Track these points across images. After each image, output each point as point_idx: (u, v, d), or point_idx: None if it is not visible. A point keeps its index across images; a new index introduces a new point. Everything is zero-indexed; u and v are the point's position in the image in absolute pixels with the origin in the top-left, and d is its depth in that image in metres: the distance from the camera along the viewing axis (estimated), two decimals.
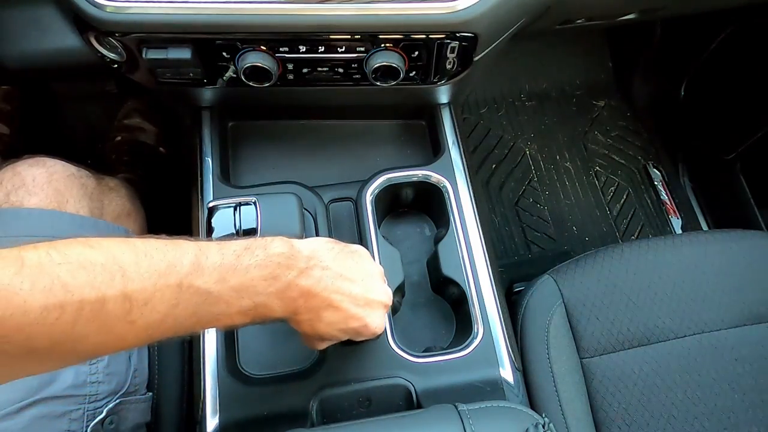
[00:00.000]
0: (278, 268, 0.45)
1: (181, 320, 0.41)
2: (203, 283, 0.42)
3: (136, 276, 0.38)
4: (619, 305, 0.76)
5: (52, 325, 0.34)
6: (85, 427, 0.60)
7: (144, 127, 1.20)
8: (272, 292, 0.45)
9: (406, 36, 0.63)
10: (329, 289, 0.49)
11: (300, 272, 0.47)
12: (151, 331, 0.40)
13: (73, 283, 0.35)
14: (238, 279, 0.43)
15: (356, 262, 0.53)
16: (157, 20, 0.60)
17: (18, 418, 0.55)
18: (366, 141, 0.87)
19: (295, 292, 0.47)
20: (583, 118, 1.45)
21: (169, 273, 0.40)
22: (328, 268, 0.49)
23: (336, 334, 0.52)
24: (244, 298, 0.44)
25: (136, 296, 0.38)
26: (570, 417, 0.70)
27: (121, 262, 0.38)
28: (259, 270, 0.45)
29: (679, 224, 1.34)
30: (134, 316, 0.38)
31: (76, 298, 0.35)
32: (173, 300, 0.40)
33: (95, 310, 0.36)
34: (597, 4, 0.83)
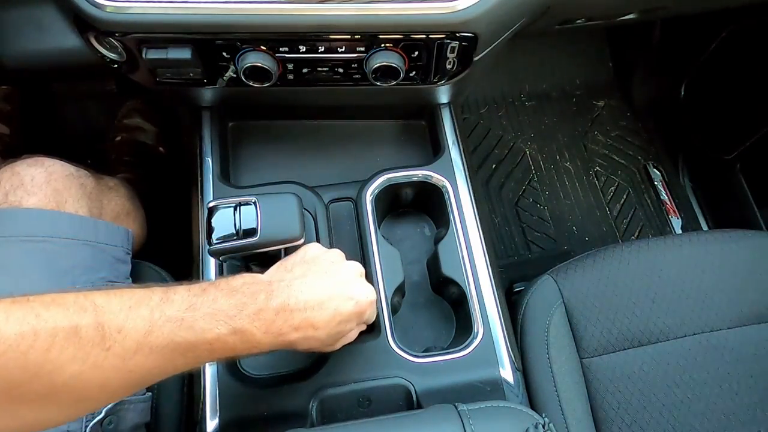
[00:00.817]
0: (244, 295, 0.47)
1: (159, 350, 0.41)
2: (174, 311, 0.43)
3: (107, 308, 0.39)
4: (619, 305, 0.76)
5: (26, 352, 0.35)
6: (84, 427, 0.60)
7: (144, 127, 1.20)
8: (246, 315, 0.46)
9: (406, 36, 0.63)
10: (301, 298, 0.49)
11: (267, 294, 0.48)
12: (128, 360, 0.40)
13: (47, 313, 0.36)
14: (207, 307, 0.44)
15: (314, 265, 0.53)
16: (157, 20, 0.60)
17: None
18: (366, 141, 0.87)
19: (270, 313, 0.48)
20: (583, 118, 1.45)
21: (139, 305, 0.41)
22: (291, 284, 0.50)
23: (339, 328, 0.53)
24: (219, 322, 0.45)
25: (108, 324, 0.39)
26: (570, 417, 0.70)
27: (92, 299, 0.40)
28: (227, 298, 0.46)
29: (679, 224, 1.34)
30: (108, 342, 0.38)
31: (49, 325, 0.36)
32: (147, 326, 0.41)
33: (69, 336, 0.37)
34: (597, 4, 0.83)
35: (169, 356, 0.43)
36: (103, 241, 0.69)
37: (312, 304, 0.50)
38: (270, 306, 0.48)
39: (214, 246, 0.56)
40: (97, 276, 0.67)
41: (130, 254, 0.75)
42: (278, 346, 0.49)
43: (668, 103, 1.42)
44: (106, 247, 0.70)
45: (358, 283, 0.55)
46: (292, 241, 0.57)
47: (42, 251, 0.63)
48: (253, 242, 0.56)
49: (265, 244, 0.56)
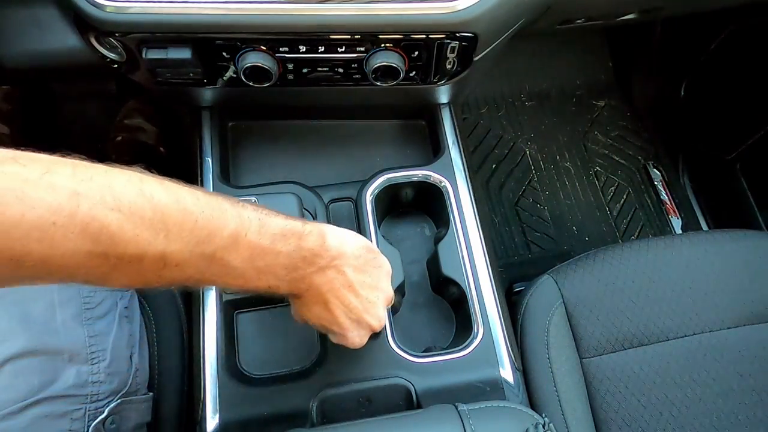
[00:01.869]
0: (302, 261, 0.47)
1: (199, 282, 0.43)
2: (233, 259, 0.43)
3: (177, 239, 0.39)
4: (619, 305, 0.76)
5: (90, 269, 0.35)
6: (87, 427, 0.60)
7: (144, 127, 1.20)
8: (287, 279, 0.47)
9: (406, 36, 0.63)
10: (333, 291, 0.50)
11: (318, 269, 0.49)
12: (172, 283, 0.41)
13: (120, 235, 0.35)
14: (264, 262, 0.45)
15: (372, 278, 0.54)
16: (157, 20, 0.60)
17: (20, 418, 0.56)
18: (366, 141, 0.87)
19: (305, 284, 0.49)
20: (583, 118, 1.45)
21: (207, 242, 0.41)
22: (344, 273, 0.51)
23: (318, 327, 0.55)
24: (262, 279, 0.46)
25: (172, 258, 0.39)
26: (570, 417, 0.70)
27: (167, 220, 0.38)
28: (286, 259, 0.46)
29: (679, 224, 1.34)
30: (165, 273, 0.39)
31: (119, 250, 0.36)
32: (202, 268, 0.41)
33: (132, 264, 0.37)
34: (597, 4, 0.83)
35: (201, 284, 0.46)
36: None
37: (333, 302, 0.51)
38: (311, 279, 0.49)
39: None
40: None
41: None
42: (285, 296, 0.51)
43: (668, 103, 1.42)
44: None
45: (360, 335, 0.55)
46: None
47: None
48: None
49: None
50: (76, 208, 0.33)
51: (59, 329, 0.61)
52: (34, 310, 0.60)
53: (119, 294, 0.69)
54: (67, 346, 0.60)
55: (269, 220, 0.46)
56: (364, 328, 0.55)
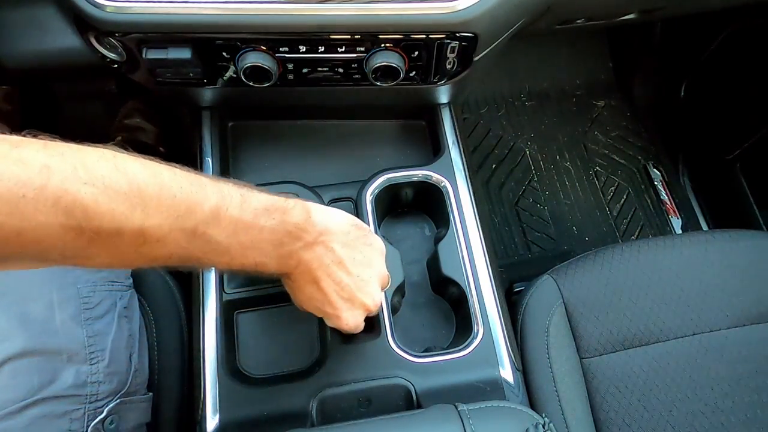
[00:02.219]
0: (287, 236, 0.47)
1: (185, 259, 0.42)
2: (217, 233, 0.42)
3: (155, 213, 0.38)
4: (619, 305, 0.76)
5: (66, 243, 0.35)
6: (86, 427, 0.60)
7: (144, 127, 1.20)
8: (275, 255, 0.47)
9: (406, 36, 0.63)
10: (323, 269, 0.50)
11: (305, 245, 0.48)
12: (156, 262, 0.41)
13: (94, 208, 0.35)
14: (249, 237, 0.44)
15: (364, 255, 0.53)
16: (157, 20, 0.60)
17: (19, 418, 0.56)
18: (366, 141, 0.87)
19: (293, 260, 0.48)
20: (583, 118, 1.45)
21: (187, 216, 0.40)
22: (333, 250, 0.50)
23: (312, 310, 0.54)
24: (248, 255, 0.45)
25: (151, 233, 0.38)
26: (570, 417, 0.70)
27: (144, 195, 0.38)
28: (271, 234, 0.46)
29: (679, 224, 1.34)
30: (145, 249, 0.39)
31: (94, 224, 0.35)
32: (184, 243, 0.41)
33: (110, 238, 0.36)
34: (597, 4, 0.83)
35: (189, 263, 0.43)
36: None
37: (324, 281, 0.50)
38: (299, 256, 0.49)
39: None
40: (98, 275, 0.67)
41: None
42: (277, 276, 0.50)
43: (668, 103, 1.42)
44: None
45: (354, 315, 0.54)
46: None
47: None
48: None
49: None
50: (46, 181, 0.33)
51: (58, 329, 0.61)
52: (33, 310, 0.60)
53: (118, 294, 0.69)
54: (66, 346, 0.60)
55: (251, 195, 0.45)
56: (358, 307, 0.54)
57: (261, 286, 0.68)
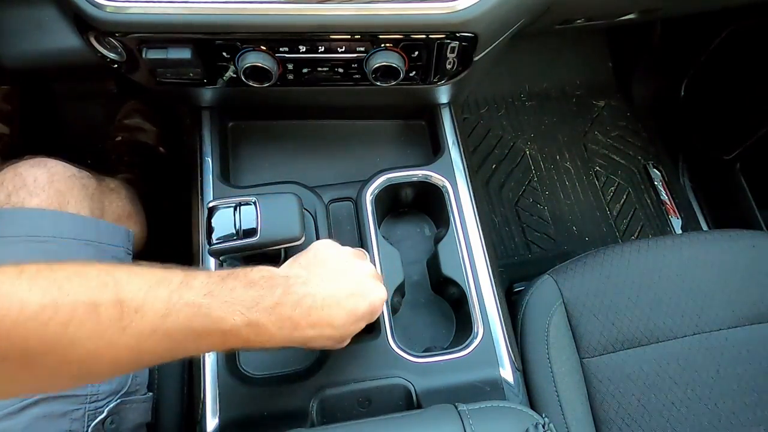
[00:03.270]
0: (262, 288, 0.47)
1: (174, 334, 0.41)
2: (192, 297, 0.42)
3: (127, 286, 0.39)
4: (619, 305, 0.76)
5: (46, 324, 0.35)
6: (86, 427, 0.60)
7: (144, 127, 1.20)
8: (263, 308, 0.46)
9: (406, 36, 0.63)
10: (319, 296, 0.49)
11: (285, 289, 0.48)
12: (143, 341, 0.40)
13: (69, 285, 0.36)
14: (225, 296, 0.44)
15: (330, 263, 0.53)
16: (157, 20, 0.60)
17: (19, 418, 0.56)
18: (366, 141, 0.87)
19: (287, 309, 0.47)
20: (583, 118, 1.45)
21: (159, 285, 0.41)
22: (308, 281, 0.50)
23: (353, 328, 0.53)
24: (236, 312, 0.44)
25: (127, 303, 0.39)
26: (570, 417, 0.70)
27: (113, 274, 0.39)
28: (245, 289, 0.46)
29: (679, 224, 1.34)
30: (125, 322, 0.38)
31: (70, 299, 0.36)
32: (164, 309, 0.41)
33: (88, 312, 0.37)
34: (597, 4, 0.83)
35: (182, 341, 0.42)
36: (104, 241, 0.70)
37: (330, 302, 0.50)
38: (287, 301, 0.47)
39: (214, 246, 0.56)
40: None
41: (131, 254, 0.75)
42: (291, 342, 0.49)
43: (668, 103, 1.42)
44: (108, 247, 0.70)
45: (373, 283, 0.54)
46: (291, 241, 0.57)
47: (44, 251, 0.63)
48: (253, 242, 0.56)
49: (265, 244, 0.56)
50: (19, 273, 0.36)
51: None
52: None
53: None
54: None
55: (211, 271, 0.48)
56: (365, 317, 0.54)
57: None
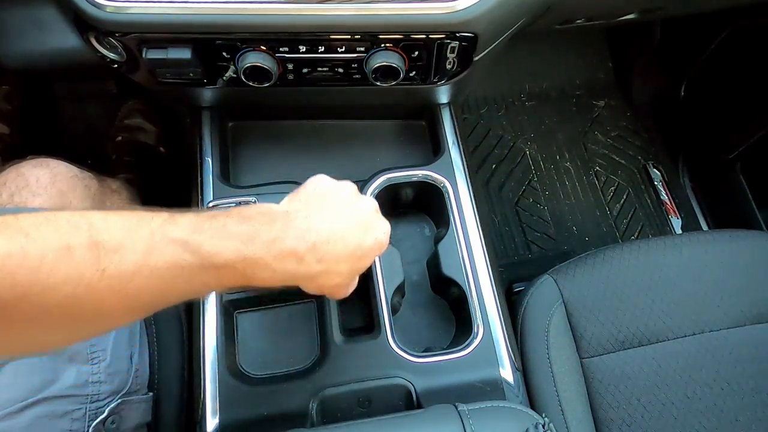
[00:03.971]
0: (259, 222, 0.43)
1: (161, 273, 0.38)
2: (179, 233, 0.39)
3: (104, 228, 0.36)
4: (619, 305, 0.76)
5: (14, 272, 0.33)
6: (87, 427, 0.60)
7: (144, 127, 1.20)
8: (261, 243, 0.42)
9: (406, 36, 0.63)
10: (324, 230, 0.45)
11: (285, 224, 0.44)
12: (126, 282, 0.37)
13: (37, 232, 0.34)
14: (216, 231, 0.41)
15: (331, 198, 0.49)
16: (157, 20, 0.60)
17: (20, 418, 0.56)
18: (366, 141, 0.87)
19: (288, 242, 0.43)
20: (583, 118, 1.45)
21: (139, 225, 0.38)
22: (310, 215, 0.46)
23: (359, 264, 0.49)
24: (229, 247, 0.40)
25: (104, 244, 0.36)
26: (570, 417, 0.70)
27: (87, 217, 0.37)
28: (238, 224, 0.42)
29: (679, 224, 1.34)
30: (104, 263, 0.35)
31: (39, 245, 0.34)
32: (146, 248, 0.37)
33: (60, 257, 0.34)
34: (597, 4, 0.83)
35: (171, 281, 0.39)
36: None
37: (335, 237, 0.46)
38: (289, 235, 0.43)
39: None
40: None
41: None
42: (296, 279, 0.45)
43: (668, 103, 1.42)
44: None
45: (376, 218, 0.51)
46: None
47: None
48: None
49: None
50: None
51: None
52: None
53: None
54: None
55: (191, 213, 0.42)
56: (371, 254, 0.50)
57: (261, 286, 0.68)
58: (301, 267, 0.44)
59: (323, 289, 0.49)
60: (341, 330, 0.67)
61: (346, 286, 0.52)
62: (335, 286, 0.49)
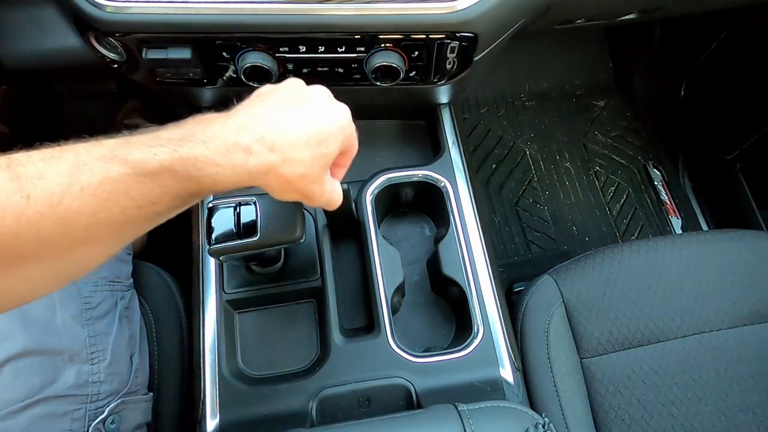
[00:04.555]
0: (195, 124, 0.41)
1: (93, 190, 0.36)
2: (105, 150, 0.37)
3: (25, 160, 0.35)
4: (619, 305, 0.76)
5: None
6: (87, 427, 0.60)
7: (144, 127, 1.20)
8: (199, 141, 0.39)
9: (406, 36, 0.63)
10: (270, 116, 0.42)
11: (224, 121, 0.41)
12: (57, 205, 0.35)
13: None
14: (146, 140, 0.38)
15: (277, 93, 0.46)
16: (157, 20, 0.60)
17: (20, 418, 0.56)
18: (366, 141, 0.86)
19: (230, 134, 0.40)
20: (583, 118, 1.45)
21: (62, 152, 0.36)
22: (253, 106, 0.43)
23: (321, 150, 0.44)
24: (161, 149, 0.38)
25: (25, 173, 0.34)
26: (570, 417, 0.70)
27: (9, 156, 0.36)
28: (171, 130, 0.40)
29: (679, 224, 1.34)
30: (27, 189, 0.34)
31: None
32: (71, 168, 0.36)
33: None
34: (597, 4, 0.83)
35: (108, 197, 0.36)
36: None
37: (284, 122, 0.42)
38: (230, 128, 0.40)
39: (214, 246, 0.56)
40: (99, 276, 0.67)
41: (131, 254, 0.75)
42: (251, 177, 0.41)
43: (668, 103, 1.42)
44: None
45: (329, 101, 0.47)
46: (291, 241, 0.57)
47: None
48: (253, 242, 0.56)
49: (265, 244, 0.56)
50: None
51: (59, 329, 0.61)
52: (35, 310, 0.60)
53: (119, 294, 0.69)
54: (68, 346, 0.60)
55: None
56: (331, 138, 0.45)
57: (261, 286, 0.69)
58: (251, 159, 0.40)
59: (295, 186, 0.44)
60: (341, 330, 0.67)
61: (319, 179, 0.45)
62: (303, 177, 0.43)
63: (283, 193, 0.45)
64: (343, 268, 0.74)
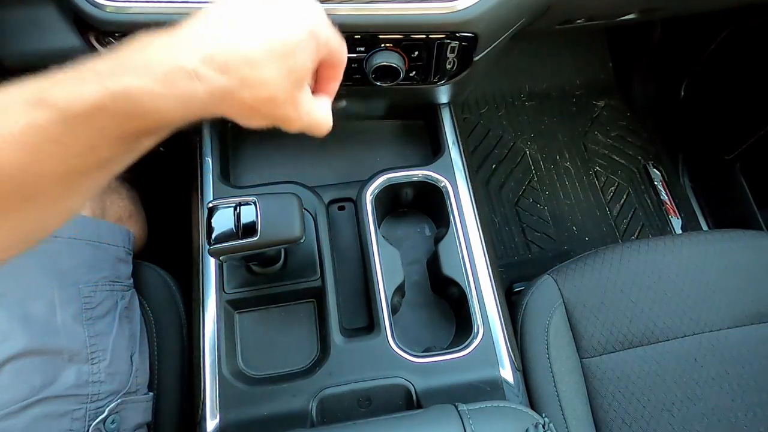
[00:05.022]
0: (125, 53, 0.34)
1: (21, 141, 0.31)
2: (27, 94, 0.31)
3: None
4: (619, 305, 0.76)
5: None
6: (87, 427, 0.60)
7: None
8: (131, 69, 0.33)
9: (406, 36, 0.63)
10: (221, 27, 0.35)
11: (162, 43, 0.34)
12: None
13: None
14: (69, 77, 0.33)
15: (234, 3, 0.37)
16: (157, 20, 0.60)
17: (20, 418, 0.56)
18: (366, 141, 0.87)
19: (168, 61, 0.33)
20: (583, 118, 1.45)
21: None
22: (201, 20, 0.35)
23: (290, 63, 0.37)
24: (86, 83, 0.32)
25: None
26: (570, 417, 0.70)
27: None
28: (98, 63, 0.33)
29: (679, 224, 1.34)
30: None
31: None
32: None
33: None
34: (597, 4, 0.83)
35: (40, 146, 0.31)
36: (104, 240, 0.70)
37: (238, 36, 0.34)
38: (170, 47, 0.33)
39: (214, 246, 0.56)
40: (99, 275, 0.67)
41: (131, 254, 0.75)
42: (204, 105, 0.35)
43: (668, 103, 1.42)
44: (108, 246, 0.70)
45: (300, 1, 0.38)
46: (292, 241, 0.57)
47: (44, 250, 0.63)
48: (253, 242, 0.56)
49: (265, 244, 0.56)
50: None
51: (59, 329, 0.61)
52: (35, 309, 0.60)
53: (119, 294, 0.69)
54: (68, 346, 0.60)
55: None
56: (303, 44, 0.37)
57: (261, 286, 0.69)
58: (200, 84, 0.33)
59: (261, 112, 0.37)
60: (341, 330, 0.67)
61: (292, 100, 0.38)
62: (270, 101, 0.37)
63: (250, 121, 0.38)
64: (343, 268, 0.74)
